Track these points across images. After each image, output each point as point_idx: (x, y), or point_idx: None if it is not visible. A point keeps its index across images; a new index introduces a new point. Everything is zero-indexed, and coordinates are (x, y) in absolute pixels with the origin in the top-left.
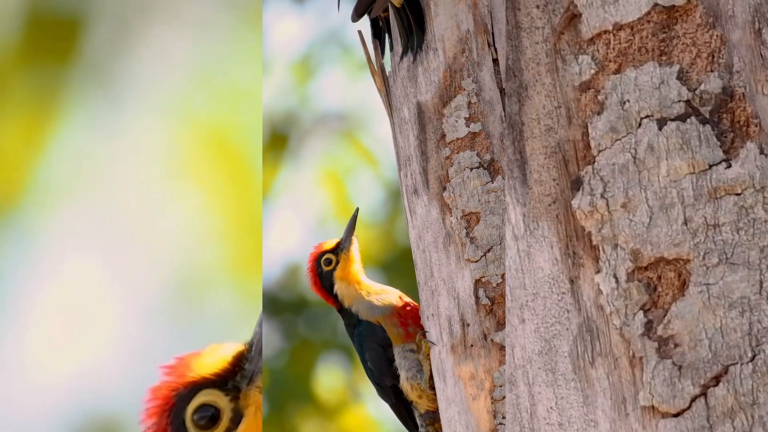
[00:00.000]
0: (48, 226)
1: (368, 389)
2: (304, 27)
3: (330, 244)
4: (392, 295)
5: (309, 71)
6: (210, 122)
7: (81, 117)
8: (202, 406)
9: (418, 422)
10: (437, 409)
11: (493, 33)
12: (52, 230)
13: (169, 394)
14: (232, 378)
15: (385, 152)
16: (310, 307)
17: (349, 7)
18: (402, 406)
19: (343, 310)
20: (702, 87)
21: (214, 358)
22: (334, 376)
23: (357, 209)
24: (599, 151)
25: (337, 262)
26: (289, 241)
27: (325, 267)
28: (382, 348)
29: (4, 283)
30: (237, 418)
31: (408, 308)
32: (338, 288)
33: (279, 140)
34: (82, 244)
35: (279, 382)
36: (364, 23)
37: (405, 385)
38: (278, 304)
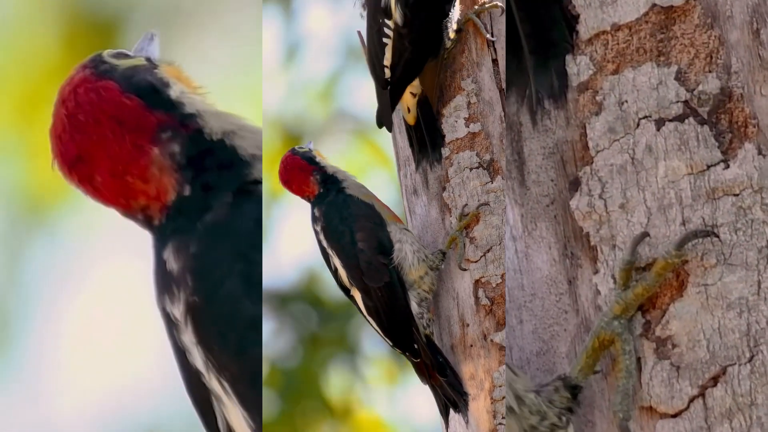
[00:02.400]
0: (81, 228)
1: (380, 391)
2: (320, 27)
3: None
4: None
5: (324, 71)
6: None
7: None
8: None
9: (415, 309)
10: (432, 294)
11: (492, 33)
12: (85, 232)
13: None
14: None
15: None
16: (324, 310)
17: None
18: (391, 291)
19: (321, 194)
20: (700, 87)
21: None
22: (345, 377)
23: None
24: (597, 152)
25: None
26: (304, 243)
27: (299, 149)
28: (377, 225)
29: (38, 286)
30: None
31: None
32: (320, 160)
33: (291, 141)
34: (117, 247)
35: (291, 383)
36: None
37: (408, 260)
38: (291, 307)
